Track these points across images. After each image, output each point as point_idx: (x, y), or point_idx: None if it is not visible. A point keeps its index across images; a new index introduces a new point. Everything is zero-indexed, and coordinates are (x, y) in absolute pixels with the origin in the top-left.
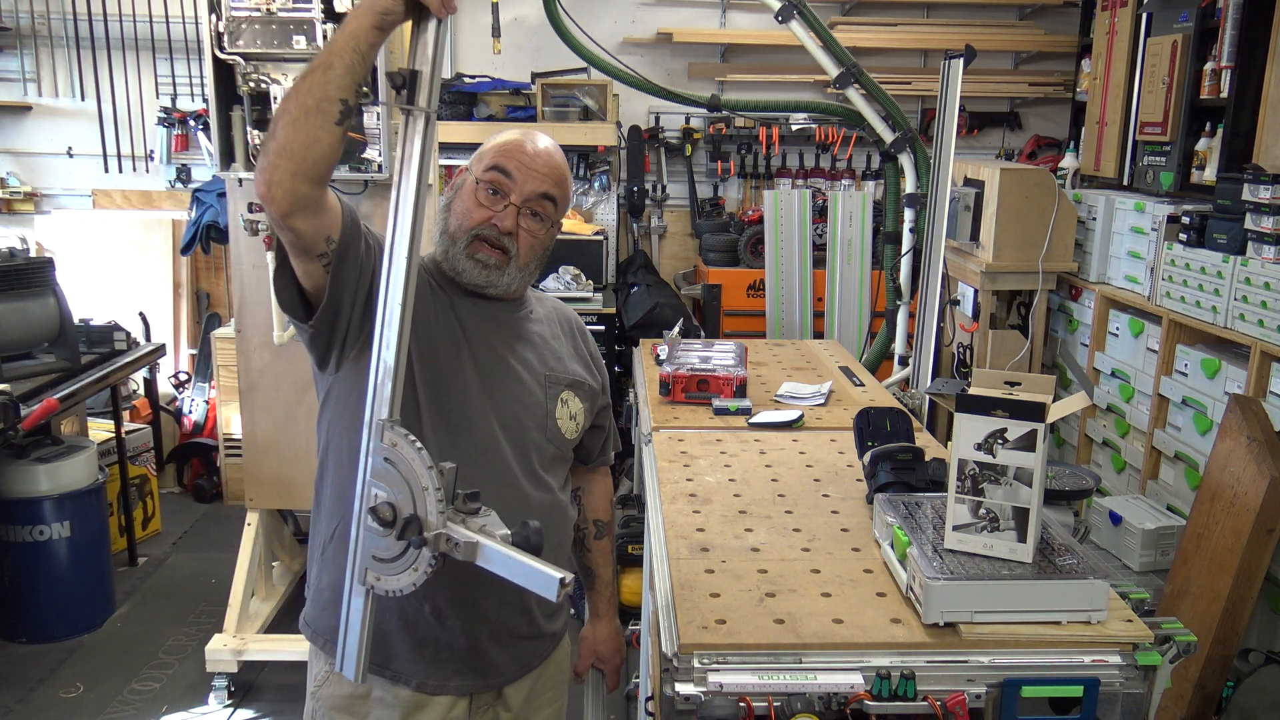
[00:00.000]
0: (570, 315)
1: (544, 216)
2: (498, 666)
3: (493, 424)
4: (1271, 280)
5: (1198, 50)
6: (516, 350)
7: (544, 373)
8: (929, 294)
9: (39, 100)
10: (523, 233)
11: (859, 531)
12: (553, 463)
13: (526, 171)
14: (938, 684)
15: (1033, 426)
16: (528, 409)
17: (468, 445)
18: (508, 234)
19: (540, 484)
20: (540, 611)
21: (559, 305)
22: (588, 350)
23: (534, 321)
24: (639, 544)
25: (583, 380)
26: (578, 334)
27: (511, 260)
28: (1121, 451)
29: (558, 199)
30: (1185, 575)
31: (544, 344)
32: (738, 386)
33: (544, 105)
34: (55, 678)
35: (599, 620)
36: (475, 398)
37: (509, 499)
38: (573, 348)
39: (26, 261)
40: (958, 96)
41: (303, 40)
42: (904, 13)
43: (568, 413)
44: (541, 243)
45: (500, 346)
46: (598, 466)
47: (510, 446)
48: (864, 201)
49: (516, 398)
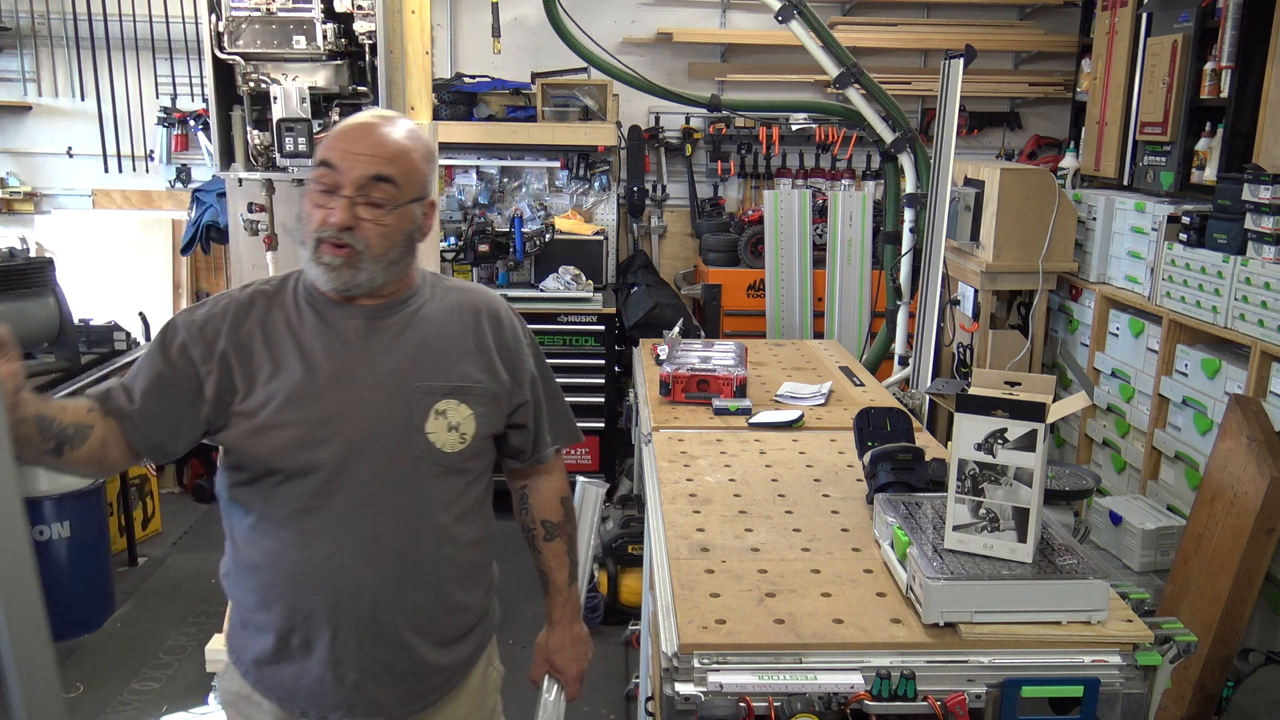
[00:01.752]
0: (483, 305)
1: (384, 201)
2: (380, 703)
3: (344, 455)
4: (1271, 280)
5: (1198, 50)
6: (375, 364)
7: (413, 383)
8: (929, 294)
9: (39, 100)
10: (365, 223)
11: (859, 531)
12: (441, 478)
13: (351, 157)
14: (938, 684)
15: (1033, 426)
16: (386, 428)
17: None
18: (347, 229)
19: (422, 509)
20: (428, 644)
21: (472, 295)
22: (500, 344)
23: (418, 321)
24: (639, 544)
25: (471, 384)
26: (488, 327)
27: (362, 255)
28: (1121, 451)
29: (394, 177)
30: (1185, 575)
31: (422, 348)
32: (738, 386)
33: (544, 105)
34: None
35: (553, 627)
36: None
37: (381, 531)
38: (473, 345)
39: (26, 261)
40: (958, 96)
41: (303, 40)
42: (904, 13)
43: (445, 424)
44: (395, 228)
45: (354, 363)
46: (541, 463)
47: (371, 475)
48: (864, 201)
49: (370, 420)
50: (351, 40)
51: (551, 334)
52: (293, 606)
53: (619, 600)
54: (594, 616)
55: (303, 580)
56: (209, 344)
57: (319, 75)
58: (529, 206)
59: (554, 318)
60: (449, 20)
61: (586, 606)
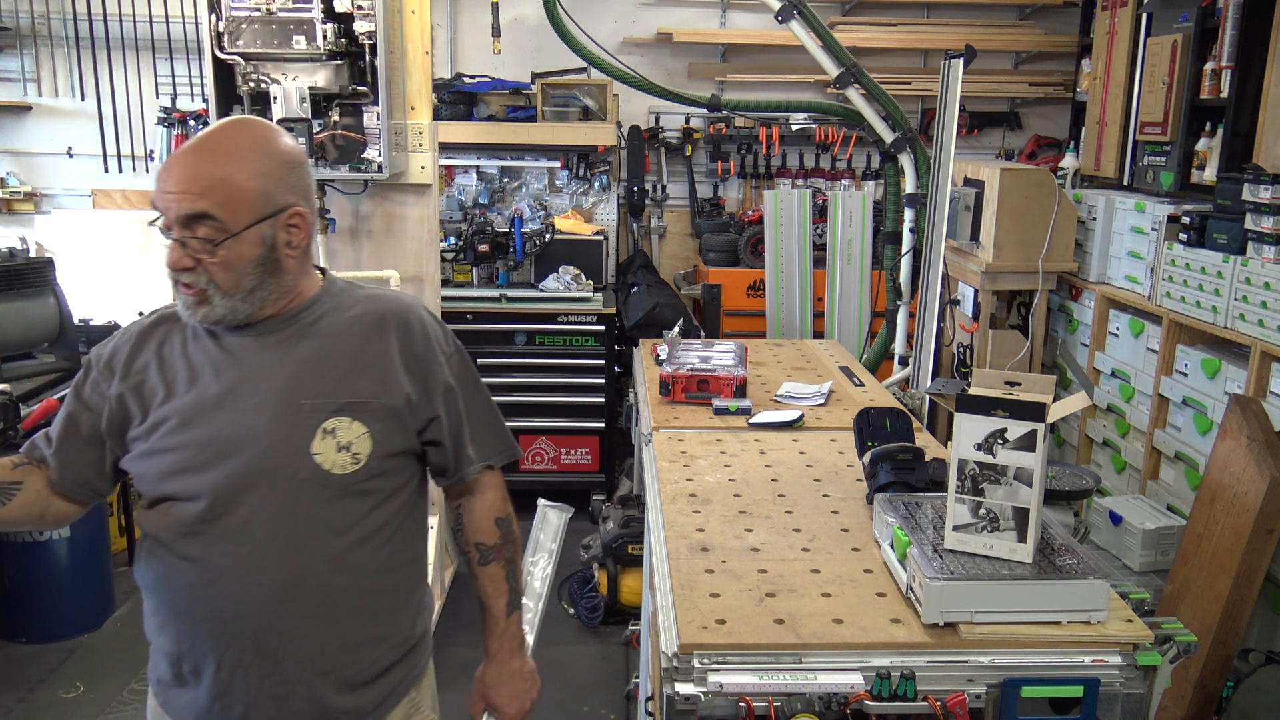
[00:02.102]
0: (389, 313)
1: (209, 238)
2: None
3: (227, 479)
4: (1271, 280)
5: (1198, 50)
6: (261, 382)
7: (299, 401)
8: (929, 294)
9: (39, 100)
10: (205, 263)
11: (859, 531)
12: (334, 502)
13: (164, 198)
14: (938, 684)
15: (1033, 426)
16: (270, 450)
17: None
18: (187, 269)
19: (310, 535)
20: (326, 682)
21: (379, 304)
22: (407, 354)
23: (313, 335)
24: (639, 544)
25: (366, 400)
26: (393, 336)
27: (209, 293)
28: (1121, 451)
29: (210, 211)
30: (1185, 575)
31: (312, 363)
32: (738, 386)
33: (544, 105)
34: (55, 678)
35: (490, 660)
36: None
37: (265, 559)
38: (372, 358)
39: (26, 261)
40: (958, 96)
41: (303, 40)
42: (904, 13)
43: (334, 444)
44: (235, 261)
45: (241, 383)
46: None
47: (256, 500)
48: (864, 201)
49: (253, 441)
50: (351, 40)
51: (551, 334)
52: (180, 633)
53: (619, 600)
54: (594, 616)
55: (187, 607)
56: (113, 374)
57: (319, 75)
58: (529, 206)
59: (554, 318)
60: (449, 20)
61: (586, 606)
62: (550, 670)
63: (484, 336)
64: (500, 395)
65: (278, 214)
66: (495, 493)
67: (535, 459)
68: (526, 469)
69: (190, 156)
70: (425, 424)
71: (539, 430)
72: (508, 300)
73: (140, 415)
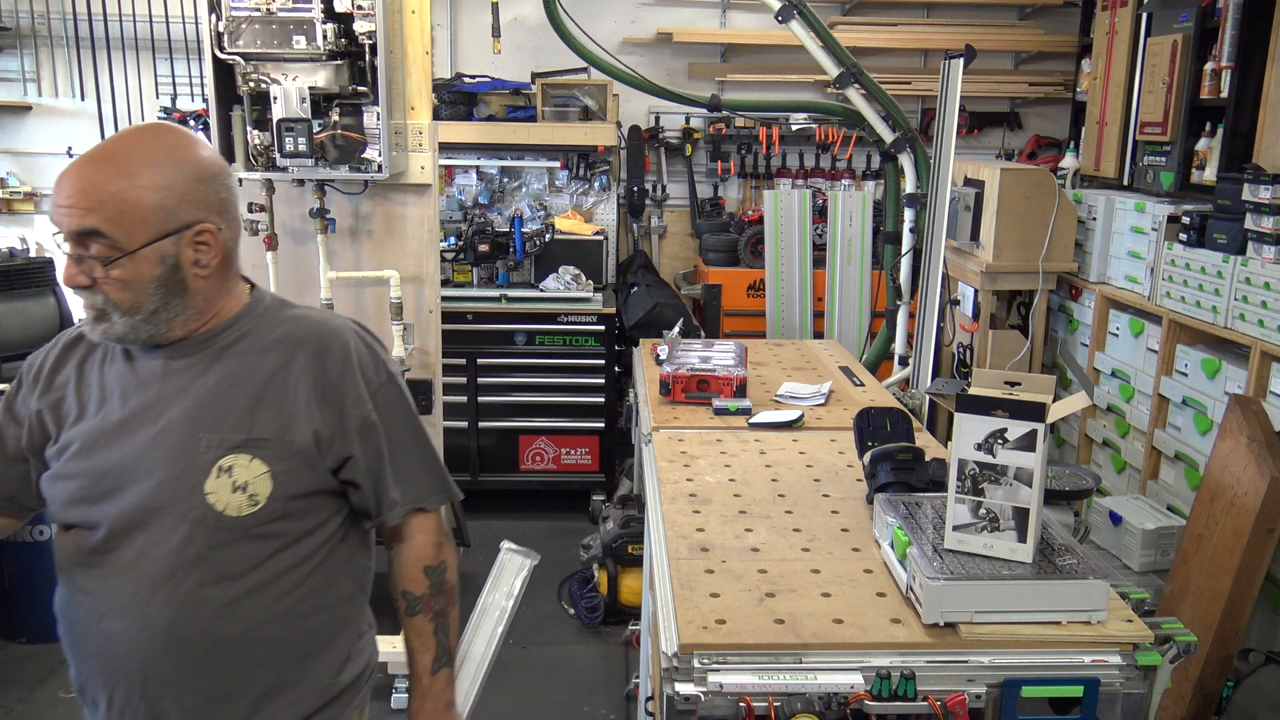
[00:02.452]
0: (310, 339)
1: (101, 257)
2: None
3: (121, 513)
4: (1271, 280)
5: (1198, 50)
6: (163, 409)
7: (198, 433)
8: (929, 294)
9: (39, 100)
10: (100, 281)
11: (859, 531)
12: (229, 546)
13: (59, 213)
14: (938, 684)
15: (1033, 426)
16: (164, 485)
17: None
18: (84, 288)
19: (198, 579)
20: None
21: (303, 327)
22: (323, 386)
23: (227, 359)
24: (639, 544)
25: (268, 437)
26: (309, 365)
27: (108, 312)
28: (1121, 451)
29: (101, 228)
30: (1185, 575)
31: (218, 391)
32: (738, 386)
33: (544, 105)
34: (55, 678)
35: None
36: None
37: (150, 600)
38: (284, 388)
39: (26, 261)
40: (958, 96)
41: (303, 40)
42: (904, 13)
43: (229, 483)
44: (133, 280)
45: (145, 409)
46: (398, 523)
47: (146, 537)
48: (864, 201)
49: (149, 474)
50: (351, 40)
51: (551, 334)
52: (77, 663)
53: (619, 600)
54: (594, 616)
55: (80, 640)
56: (36, 388)
57: (319, 75)
58: (529, 206)
59: (554, 318)
60: (449, 20)
61: (586, 606)
62: (550, 670)
63: (484, 336)
64: (500, 395)
65: (181, 231)
66: (426, 538)
67: (535, 459)
68: (526, 469)
69: (84, 168)
70: (339, 463)
71: (539, 430)
72: (508, 300)
73: (55, 435)
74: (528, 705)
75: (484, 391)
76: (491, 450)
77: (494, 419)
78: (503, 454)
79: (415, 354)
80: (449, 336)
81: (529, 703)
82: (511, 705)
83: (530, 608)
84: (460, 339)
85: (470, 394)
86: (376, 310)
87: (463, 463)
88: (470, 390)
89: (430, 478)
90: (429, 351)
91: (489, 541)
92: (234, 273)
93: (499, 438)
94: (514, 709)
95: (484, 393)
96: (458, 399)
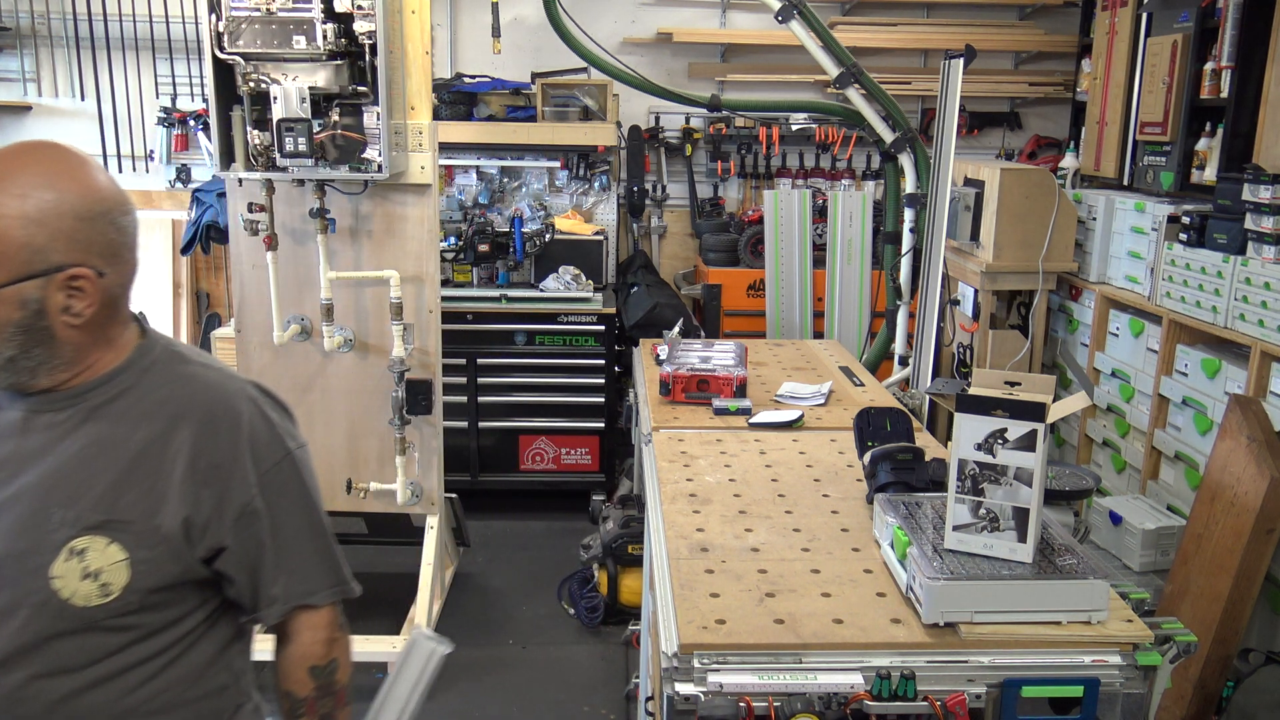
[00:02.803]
0: (197, 407)
1: None
2: None
3: None
4: (1271, 280)
5: (1198, 50)
6: (17, 472)
7: (50, 507)
8: (929, 294)
9: (39, 100)
10: None
11: (859, 531)
12: (72, 637)
13: None
14: (938, 684)
15: (1033, 426)
16: (5, 562)
17: None
18: None
19: (34, 670)
20: None
21: (191, 389)
22: (202, 464)
23: (98, 418)
24: (639, 544)
25: (131, 519)
26: (188, 438)
27: None
28: (1121, 451)
29: None
30: (1185, 575)
31: (81, 460)
32: (738, 386)
33: (544, 105)
34: None
35: None
36: None
37: None
38: (156, 463)
39: None
40: (958, 96)
41: (303, 40)
42: (904, 13)
43: (79, 569)
44: None
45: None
46: (283, 619)
47: None
48: (864, 201)
49: None
50: (351, 40)
51: (551, 334)
52: None
53: (619, 600)
54: (594, 616)
55: None
56: None
57: (319, 75)
58: (529, 206)
59: (554, 318)
60: (449, 20)
61: (586, 606)
62: (550, 670)
63: (484, 336)
64: (500, 395)
65: (50, 274)
66: (313, 635)
67: (535, 459)
68: (526, 469)
69: None
70: (211, 553)
71: (539, 430)
72: (508, 300)
73: None
74: (528, 705)
75: (484, 391)
76: (491, 450)
77: (494, 419)
78: (503, 454)
79: (415, 354)
80: (449, 336)
81: (529, 703)
82: (511, 705)
83: (530, 608)
84: (460, 339)
85: (470, 394)
86: (376, 310)
87: (463, 463)
88: (470, 390)
89: (321, 570)
90: (429, 351)
91: (489, 541)
92: (118, 321)
93: (499, 438)
94: (514, 709)
95: (484, 393)
96: (458, 399)
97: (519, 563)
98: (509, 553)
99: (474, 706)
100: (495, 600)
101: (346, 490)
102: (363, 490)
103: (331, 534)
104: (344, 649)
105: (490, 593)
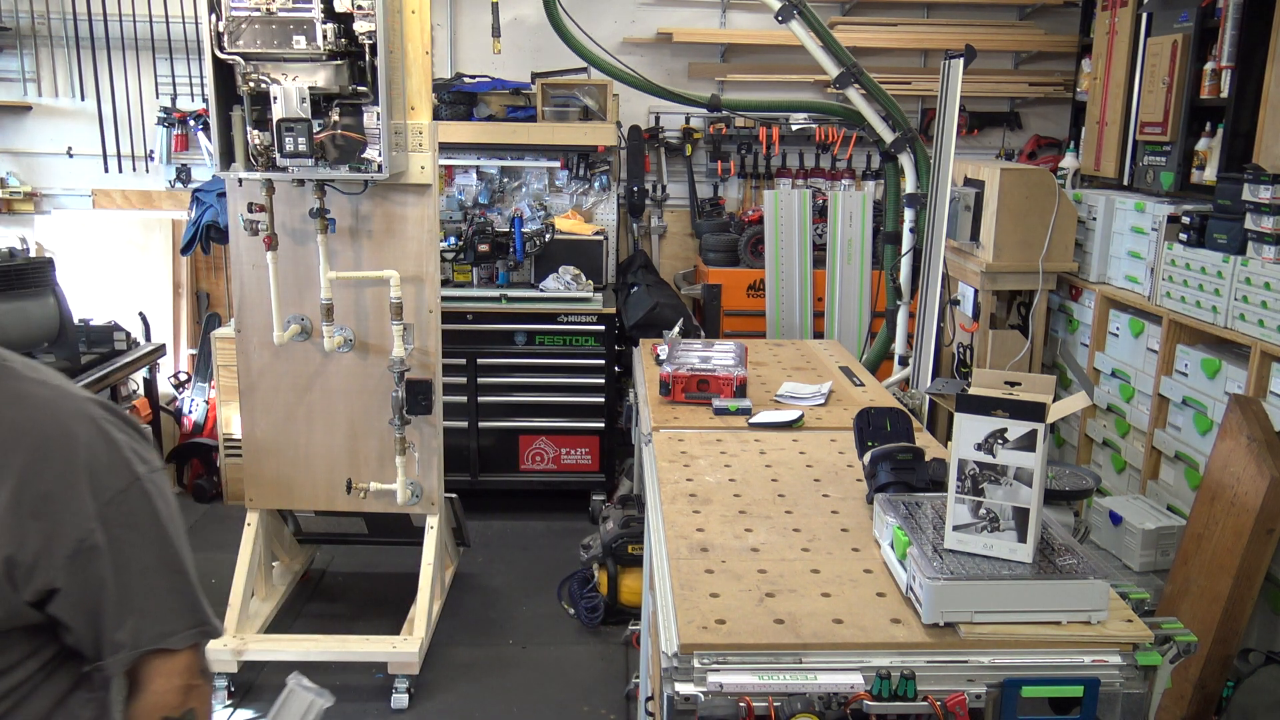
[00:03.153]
0: (31, 430)
1: None
2: None
3: None
4: (1271, 280)
5: (1198, 50)
6: None
7: None
8: (929, 294)
9: (39, 100)
10: None
11: (859, 531)
12: None
13: None
14: (938, 684)
15: (1033, 426)
16: None
17: None
18: None
19: None
20: None
21: (25, 411)
22: (30, 494)
23: None
24: (639, 544)
25: None
26: (18, 465)
27: None
28: (1121, 451)
29: None
30: (1185, 575)
31: None
32: (738, 386)
33: (544, 105)
34: None
35: None
36: None
37: None
38: None
39: (26, 261)
40: (958, 96)
41: (303, 40)
42: (904, 13)
43: None
44: None
45: None
46: (134, 665)
47: None
48: (864, 201)
49: None
50: (351, 40)
51: (551, 334)
52: None
53: (619, 600)
54: (594, 616)
55: None
56: None
57: (319, 75)
58: (529, 206)
59: (554, 318)
60: (449, 20)
61: (586, 607)
62: (550, 670)
63: (484, 336)
64: (500, 395)
65: None
66: (167, 683)
67: (535, 459)
68: (526, 469)
69: None
70: (40, 596)
71: (539, 430)
72: (508, 300)
73: None
74: (528, 705)
75: (484, 391)
76: (491, 450)
77: (494, 419)
78: (503, 454)
79: (415, 354)
80: (449, 336)
81: (529, 703)
82: (511, 705)
83: (530, 608)
84: (460, 339)
85: (470, 394)
86: (376, 310)
87: (463, 463)
88: (470, 390)
89: (178, 609)
90: (429, 351)
91: (489, 541)
92: None
93: (499, 438)
94: (514, 709)
95: (484, 393)
96: (458, 399)
97: (519, 563)
98: (509, 553)
99: (474, 706)
100: (495, 600)
101: (347, 490)
102: (363, 490)
103: (191, 568)
104: (203, 698)
105: (490, 593)
